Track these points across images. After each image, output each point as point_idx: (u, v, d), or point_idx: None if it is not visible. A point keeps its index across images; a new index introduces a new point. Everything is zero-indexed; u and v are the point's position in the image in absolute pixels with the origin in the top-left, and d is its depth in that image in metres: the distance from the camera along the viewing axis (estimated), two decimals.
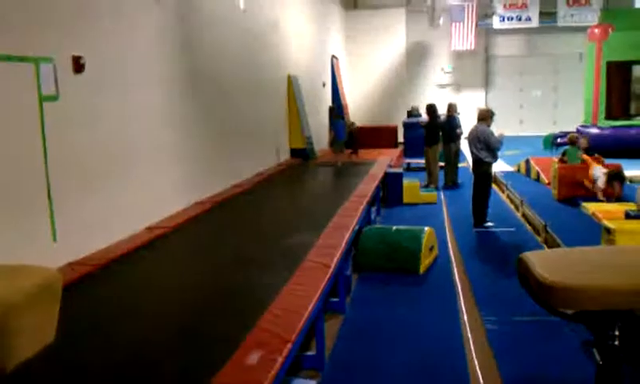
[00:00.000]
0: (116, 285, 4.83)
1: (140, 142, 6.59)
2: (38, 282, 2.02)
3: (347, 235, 5.95)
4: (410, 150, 15.87)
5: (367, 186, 9.18)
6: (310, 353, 4.45)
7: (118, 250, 5.56)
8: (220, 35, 9.27)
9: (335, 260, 5.04)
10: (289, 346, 3.32)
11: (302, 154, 13.67)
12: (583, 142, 10.46)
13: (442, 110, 12.94)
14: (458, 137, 12.54)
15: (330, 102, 18.71)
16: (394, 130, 18.92)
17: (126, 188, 6.20)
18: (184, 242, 6.26)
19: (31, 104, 4.82)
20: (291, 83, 13.76)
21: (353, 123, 16.51)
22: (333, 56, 19.36)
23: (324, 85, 18.24)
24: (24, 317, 1.93)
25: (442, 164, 12.76)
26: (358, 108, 21.72)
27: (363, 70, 22.08)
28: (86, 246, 5.42)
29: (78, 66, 5.35)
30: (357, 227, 6.67)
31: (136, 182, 6.43)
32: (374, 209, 9.38)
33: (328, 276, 4.65)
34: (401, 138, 17.63)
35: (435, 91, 23.56)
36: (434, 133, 12.46)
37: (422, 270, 6.60)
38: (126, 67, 6.29)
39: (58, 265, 4.88)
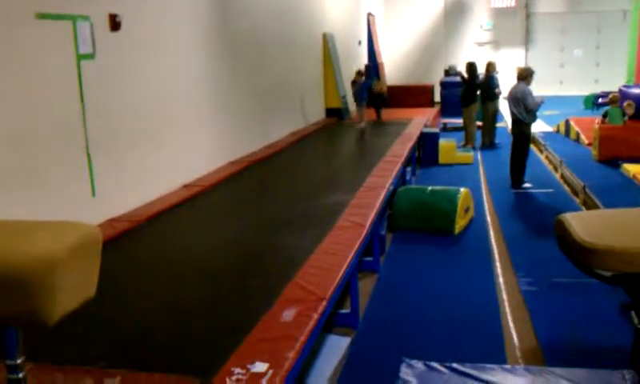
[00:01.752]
0: (154, 241, 4.92)
1: (176, 101, 6.63)
2: (79, 238, 2.07)
3: (382, 195, 5.94)
4: (446, 109, 15.69)
5: (402, 146, 9.12)
6: (344, 310, 4.50)
7: (155, 208, 5.65)
8: None
9: (370, 220, 5.05)
10: (324, 303, 3.35)
11: (338, 114, 13.62)
12: (629, 108, 10.17)
13: (480, 69, 12.72)
14: (496, 96, 12.34)
15: (365, 61, 18.51)
16: (431, 89, 18.68)
17: (163, 146, 6.26)
18: (219, 201, 6.33)
19: (69, 62, 4.87)
20: (327, 42, 13.64)
21: (379, 82, 15.06)
22: (369, 13, 19.11)
23: (360, 43, 18.05)
24: (66, 272, 1.98)
25: (479, 124, 12.60)
26: (394, 67, 21.50)
27: (400, 27, 21.79)
28: (125, 202, 5.51)
29: (115, 24, 5.37)
30: (391, 187, 6.65)
31: (172, 141, 6.49)
32: (409, 169, 9.34)
33: (362, 235, 4.66)
34: (437, 98, 17.43)
35: (473, 49, 23.11)
36: (471, 92, 12.28)
37: (457, 230, 6.57)
38: (161, 26, 6.30)
39: (98, 221, 4.98)
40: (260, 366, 2.66)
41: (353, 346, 4.14)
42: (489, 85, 12.29)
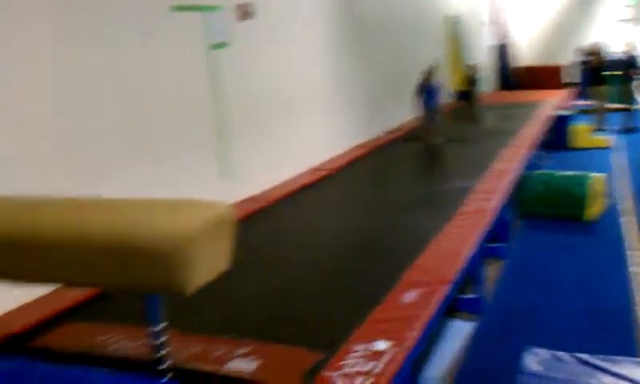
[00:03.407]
0: (281, 221, 5.11)
1: (304, 86, 6.81)
2: (214, 216, 2.23)
3: (509, 180, 5.82)
4: (579, 91, 14.96)
5: (532, 129, 8.84)
6: (469, 296, 4.48)
7: (284, 190, 5.86)
8: None
9: (496, 205, 4.98)
10: (446, 286, 3.37)
11: (465, 96, 13.36)
12: None
13: (620, 48, 12.00)
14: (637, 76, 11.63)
15: (492, 41, 17.96)
16: (564, 69, 17.81)
17: (291, 130, 6.47)
18: (344, 184, 6.45)
19: (200, 51, 5.15)
20: (450, 24, 13.40)
21: (474, 66, 12.24)
22: None
23: (484, 24, 17.55)
24: (203, 246, 2.15)
25: (616, 106, 11.93)
26: (524, 47, 20.68)
27: (530, 6, 20.91)
28: (254, 184, 5.76)
29: (245, 13, 5.60)
30: (519, 172, 6.49)
31: (300, 125, 6.69)
32: (538, 153, 9.03)
33: (488, 220, 4.61)
34: (570, 79, 16.63)
35: (613, 27, 21.76)
36: (601, 72, 11.65)
37: (587, 217, 6.32)
38: (289, 13, 6.49)
39: (231, 201, 5.24)
40: (381, 344, 2.74)
41: (476, 332, 4.12)
42: (629, 64, 11.60)
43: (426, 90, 8.19)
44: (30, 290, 3.33)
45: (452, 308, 4.18)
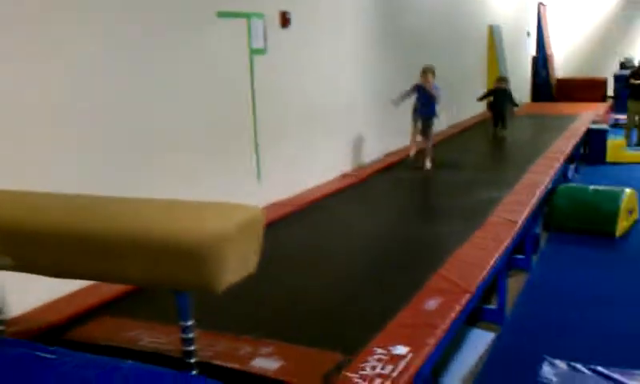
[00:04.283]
0: (311, 225, 5.21)
1: (338, 93, 6.92)
2: (246, 218, 2.36)
3: (538, 192, 5.84)
4: (619, 104, 14.80)
5: (566, 141, 8.81)
6: (490, 306, 4.53)
7: (315, 194, 5.97)
8: None
9: (523, 217, 5.01)
10: (468, 295, 3.44)
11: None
12: None
13: None
14: None
15: (533, 52, 17.88)
16: (603, 83, 17.64)
17: (324, 136, 6.58)
18: (373, 191, 6.52)
19: (243, 57, 5.30)
20: (492, 33, 13.38)
21: (504, 79, 10.60)
22: (540, 3, 18.41)
23: (529, 34, 17.46)
24: (234, 247, 2.27)
25: None
26: (564, 58, 20.51)
27: (573, 17, 20.71)
28: (287, 188, 5.88)
29: (285, 20, 5.74)
30: (550, 185, 6.50)
31: (333, 131, 6.80)
32: (571, 166, 9.01)
33: (514, 232, 4.65)
34: (611, 92, 16.48)
35: None
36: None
37: (618, 233, 6.30)
38: (328, 20, 6.61)
39: (261, 204, 5.37)
40: (401, 349, 2.82)
41: (496, 342, 4.18)
42: None
43: (420, 94, 7.34)
44: (65, 284, 3.47)
45: (473, 317, 4.25)
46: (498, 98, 10.01)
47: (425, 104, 7.40)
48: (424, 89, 7.31)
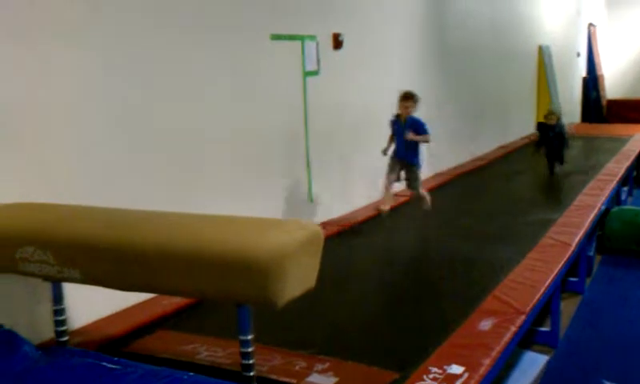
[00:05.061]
0: (360, 244, 5.25)
1: (387, 113, 6.94)
2: (306, 234, 2.42)
3: (592, 215, 5.76)
4: None
5: (619, 164, 8.66)
6: (544, 328, 4.49)
7: (364, 213, 6.01)
8: (471, 5, 9.31)
9: (577, 239, 4.95)
10: (522, 317, 3.43)
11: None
12: None
13: None
14: None
15: (583, 73, 17.63)
16: None
17: (374, 157, 6.61)
18: (423, 211, 6.52)
19: (296, 79, 5.40)
20: (542, 54, 13.26)
21: (552, 114, 8.26)
22: (590, 24, 18.17)
23: (578, 55, 17.24)
24: (295, 263, 2.33)
25: None
26: (615, 79, 20.13)
27: (624, 38, 20.34)
28: (336, 207, 5.93)
29: (337, 42, 5.83)
30: (603, 207, 6.41)
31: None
32: (625, 189, 8.84)
33: (568, 254, 4.61)
34: None
35: None
36: None
37: None
38: (378, 42, 6.68)
39: (316, 222, 5.43)
40: (456, 369, 2.83)
41: (550, 364, 4.13)
42: None
43: (397, 130, 5.52)
44: (125, 298, 3.58)
45: (527, 339, 4.21)
46: (549, 135, 8.03)
47: (404, 143, 5.48)
48: (398, 123, 5.50)
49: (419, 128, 5.44)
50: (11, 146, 3.20)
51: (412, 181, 5.64)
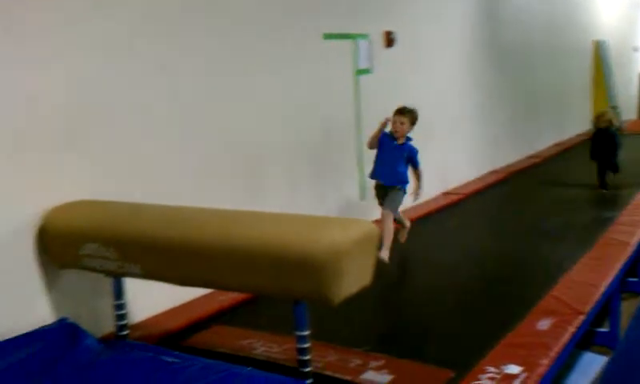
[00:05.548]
0: (414, 243, 5.21)
1: (440, 111, 6.90)
2: (362, 232, 2.43)
3: None
4: None
5: None
6: (602, 329, 4.38)
7: (416, 213, 5.96)
8: (524, 1, 9.17)
9: (636, 238, 4.83)
10: (581, 317, 3.36)
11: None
12: None
13: None
14: None
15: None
16: None
17: (426, 154, 6.55)
18: (477, 209, 6.46)
19: (348, 77, 5.41)
20: (598, 49, 12.94)
21: (604, 115, 7.31)
22: None
23: (635, 49, 16.76)
24: (351, 260, 2.34)
25: None
26: None
27: None
28: None
29: (389, 40, 5.82)
30: None
31: (435, 149, 6.76)
32: None
33: (628, 254, 4.50)
34: None
35: None
36: None
37: None
38: (431, 40, 6.64)
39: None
40: (513, 368, 2.80)
41: (609, 366, 4.03)
42: None
43: (385, 147, 4.77)
44: (184, 292, 3.65)
45: (585, 340, 4.12)
46: (601, 141, 7.06)
47: (387, 163, 4.74)
48: (391, 139, 4.77)
49: (414, 160, 4.81)
50: (81, 146, 3.32)
51: (389, 200, 4.70)
